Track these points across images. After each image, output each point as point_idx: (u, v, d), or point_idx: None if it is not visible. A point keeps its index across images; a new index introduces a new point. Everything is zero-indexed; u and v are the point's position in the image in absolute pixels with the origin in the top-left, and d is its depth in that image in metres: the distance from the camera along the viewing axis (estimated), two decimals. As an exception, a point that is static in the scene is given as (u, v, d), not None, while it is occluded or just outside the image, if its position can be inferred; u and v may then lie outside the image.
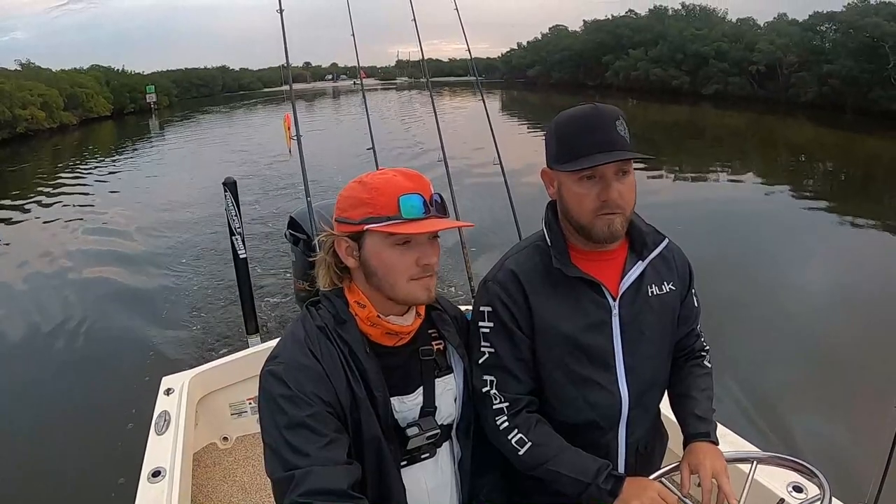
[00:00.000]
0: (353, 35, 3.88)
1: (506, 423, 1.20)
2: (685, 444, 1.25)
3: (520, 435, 1.18)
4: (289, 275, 6.54)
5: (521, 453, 1.18)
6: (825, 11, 32.14)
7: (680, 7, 47.31)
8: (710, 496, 1.12)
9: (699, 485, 2.06)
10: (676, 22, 44.97)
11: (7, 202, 13.81)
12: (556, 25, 68.35)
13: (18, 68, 40.61)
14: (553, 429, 1.22)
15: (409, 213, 1.03)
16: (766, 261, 7.50)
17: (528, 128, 24.14)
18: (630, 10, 52.36)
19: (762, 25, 38.97)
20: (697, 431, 1.24)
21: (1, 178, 19.40)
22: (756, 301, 6.01)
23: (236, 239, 3.44)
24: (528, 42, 74.15)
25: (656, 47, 43.49)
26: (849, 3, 29.92)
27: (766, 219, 9.86)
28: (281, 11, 3.12)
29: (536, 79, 62.52)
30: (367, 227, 1.05)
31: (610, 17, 54.02)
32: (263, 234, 8.66)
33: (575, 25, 65.00)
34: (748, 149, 19.18)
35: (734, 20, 43.18)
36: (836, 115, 25.71)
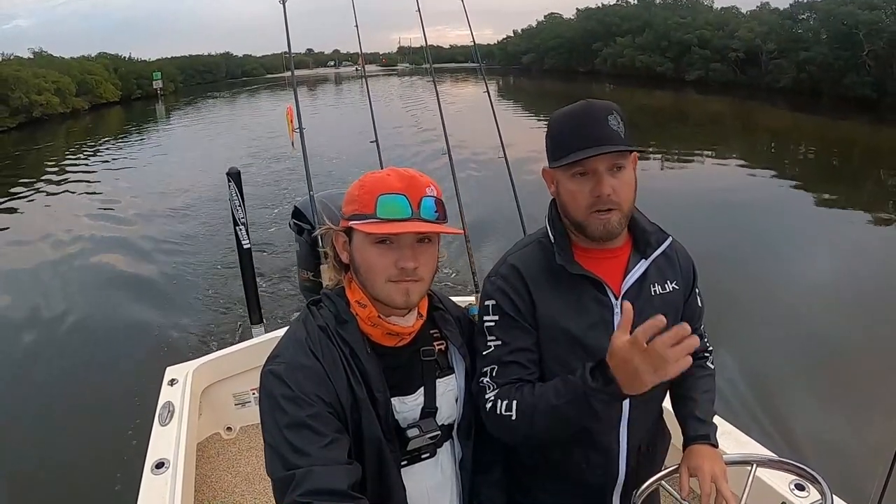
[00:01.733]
0: (357, 26, 3.84)
1: (491, 400, 1.15)
2: (685, 447, 1.24)
3: (505, 402, 1.14)
4: (289, 267, 6.62)
5: (514, 419, 1.12)
6: (805, 0, 33.38)
7: (666, -6, 49.63)
8: (709, 500, 1.11)
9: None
10: (663, 10, 46.88)
11: (21, 190, 14.01)
12: (552, 13, 70.41)
13: (31, 56, 42.99)
14: None
15: (385, 213, 1.03)
16: (755, 245, 7.59)
17: (522, 111, 24.90)
18: (620, -1, 54.38)
19: (746, 14, 40.53)
20: (697, 434, 1.23)
21: (19, 159, 20.52)
22: (752, 290, 6.02)
23: (240, 229, 3.43)
24: (522, 30, 74.89)
25: (643, 35, 45.26)
26: (830, -8, 30.82)
27: (751, 202, 10.10)
28: (283, 1, 3.09)
29: (531, 65, 63.49)
30: (350, 223, 1.07)
31: (600, 5, 56.30)
32: (269, 223, 8.68)
33: (570, 13, 66.74)
34: (730, 133, 19.88)
35: (719, 9, 44.92)
36: (813, 101, 26.80)
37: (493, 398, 1.16)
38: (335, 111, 27.72)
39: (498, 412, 1.14)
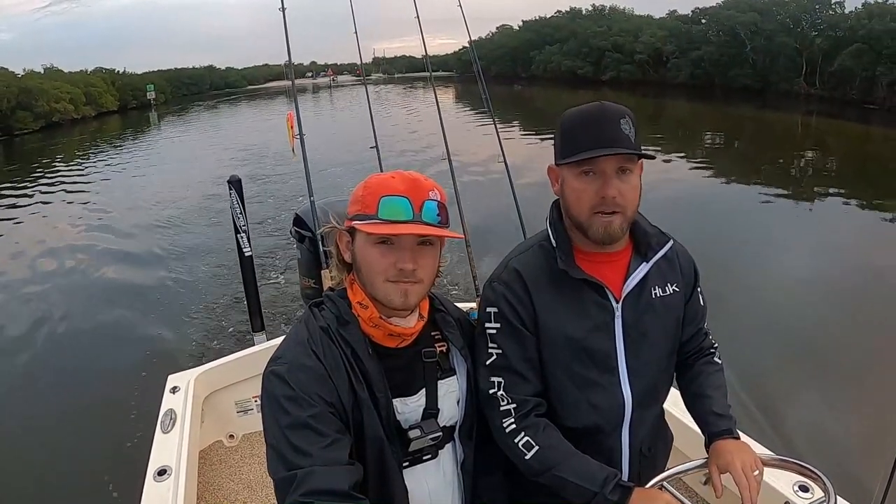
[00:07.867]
0: (356, 32, 3.88)
1: (513, 426, 1.18)
2: (707, 444, 1.23)
3: (527, 438, 1.17)
4: (286, 273, 6.64)
5: (527, 457, 1.17)
6: (704, 7, 40.72)
7: (591, 8, 57.92)
8: (748, 492, 1.09)
9: (705, 483, 2.04)
10: (586, 21, 54.52)
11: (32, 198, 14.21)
12: (504, 25, 76.79)
13: (42, 70, 48.77)
14: None
15: (387, 214, 1.04)
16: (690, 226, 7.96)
17: (472, 112, 25.60)
18: (557, 11, 62.48)
19: (658, 20, 47.23)
20: (719, 429, 1.22)
21: (42, 153, 23.95)
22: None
23: (241, 237, 3.43)
24: (472, 41, 78.12)
25: (568, 43, 52.99)
26: (725, -1, 37.93)
27: (675, 184, 11.52)
28: (283, 10, 3.12)
29: (482, 72, 66.87)
30: (353, 223, 1.09)
31: (538, 17, 64.26)
32: (270, 230, 8.71)
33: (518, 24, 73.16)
34: (640, 124, 22.37)
35: (637, 16, 51.98)
36: (707, 92, 33.42)
37: (514, 425, 1.18)
38: (318, 118, 29.70)
39: (515, 441, 1.17)
